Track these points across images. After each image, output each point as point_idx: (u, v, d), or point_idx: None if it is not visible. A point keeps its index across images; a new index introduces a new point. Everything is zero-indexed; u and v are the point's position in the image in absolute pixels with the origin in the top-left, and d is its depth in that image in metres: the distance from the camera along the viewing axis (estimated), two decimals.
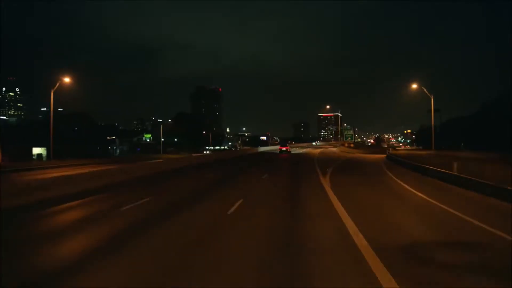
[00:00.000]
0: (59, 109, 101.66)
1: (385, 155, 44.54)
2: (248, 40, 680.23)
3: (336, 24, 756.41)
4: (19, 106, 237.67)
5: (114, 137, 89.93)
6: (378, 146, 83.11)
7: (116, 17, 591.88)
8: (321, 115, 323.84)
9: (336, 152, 57.46)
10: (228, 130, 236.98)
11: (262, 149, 70.15)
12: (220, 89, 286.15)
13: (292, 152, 57.34)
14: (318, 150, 63.27)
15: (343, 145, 67.00)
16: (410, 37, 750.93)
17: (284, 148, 56.09)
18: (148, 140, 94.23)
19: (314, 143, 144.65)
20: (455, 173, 17.83)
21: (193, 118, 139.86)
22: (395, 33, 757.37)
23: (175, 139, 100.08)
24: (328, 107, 79.24)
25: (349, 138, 59.36)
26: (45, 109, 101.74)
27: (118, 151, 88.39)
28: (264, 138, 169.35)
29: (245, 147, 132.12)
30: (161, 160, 34.20)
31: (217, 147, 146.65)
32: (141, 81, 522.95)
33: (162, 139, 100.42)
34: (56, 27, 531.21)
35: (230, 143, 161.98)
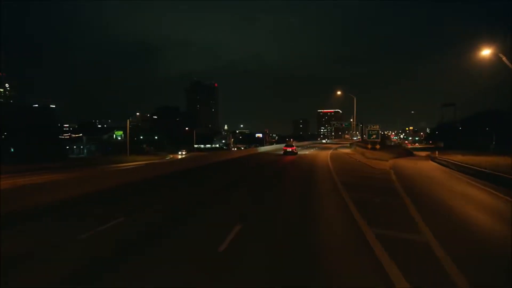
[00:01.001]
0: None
1: (428, 161, 31.85)
2: (248, 39, 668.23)
3: (336, 23, 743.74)
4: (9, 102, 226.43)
5: (80, 134, 76.39)
6: (387, 145, 70.11)
7: (116, 17, 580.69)
8: (321, 112, 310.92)
9: (355, 156, 38.16)
10: (226, 127, 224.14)
11: (263, 149, 56.08)
12: (216, 84, 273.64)
13: (298, 153, 44.76)
14: (328, 152, 46.54)
15: (359, 145, 52.09)
16: (410, 37, 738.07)
17: (289, 149, 44.34)
18: (119, 138, 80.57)
19: (324, 141, 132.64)
20: None
21: (178, 112, 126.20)
22: (395, 33, 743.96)
23: (156, 137, 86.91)
24: (339, 93, 63.38)
25: (374, 137, 45.96)
26: (37, 105, 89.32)
27: (85, 151, 75.01)
28: (260, 135, 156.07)
29: (237, 146, 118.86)
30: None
31: (208, 146, 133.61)
32: (141, 80, 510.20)
33: (141, 137, 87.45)
34: (56, 27, 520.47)
35: (223, 141, 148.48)
